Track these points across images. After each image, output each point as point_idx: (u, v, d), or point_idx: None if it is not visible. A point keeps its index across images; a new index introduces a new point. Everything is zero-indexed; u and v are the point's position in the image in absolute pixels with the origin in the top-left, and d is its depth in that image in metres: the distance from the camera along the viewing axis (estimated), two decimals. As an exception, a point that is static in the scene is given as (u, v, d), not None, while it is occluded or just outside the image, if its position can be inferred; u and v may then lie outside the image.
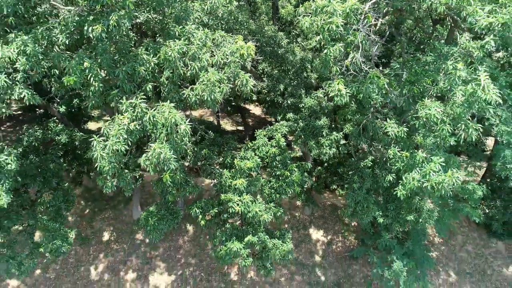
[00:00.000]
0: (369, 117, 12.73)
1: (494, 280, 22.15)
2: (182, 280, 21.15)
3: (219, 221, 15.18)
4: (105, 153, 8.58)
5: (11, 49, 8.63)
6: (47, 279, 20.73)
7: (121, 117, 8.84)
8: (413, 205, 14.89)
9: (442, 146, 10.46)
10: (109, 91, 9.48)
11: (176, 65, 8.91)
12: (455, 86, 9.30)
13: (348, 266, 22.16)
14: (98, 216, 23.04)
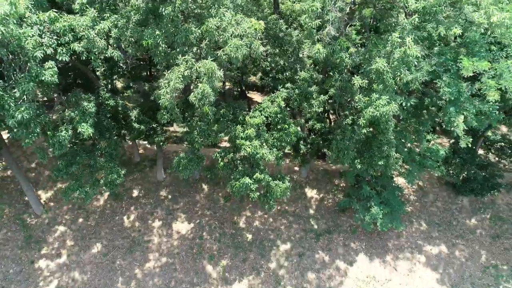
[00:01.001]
0: (343, 77, 17.14)
1: (458, 229, 26.58)
2: (200, 227, 25.58)
3: (233, 165, 19.57)
4: (168, 89, 12.92)
5: (107, 24, 13.14)
6: (89, 226, 25.19)
7: (178, 68, 13.20)
8: (383, 153, 19.29)
9: (388, 89, 14.83)
10: (170, 51, 13.83)
11: (213, 35, 13.27)
12: (394, 49, 13.66)
13: (336, 217, 26.59)
14: (128, 177, 27.41)
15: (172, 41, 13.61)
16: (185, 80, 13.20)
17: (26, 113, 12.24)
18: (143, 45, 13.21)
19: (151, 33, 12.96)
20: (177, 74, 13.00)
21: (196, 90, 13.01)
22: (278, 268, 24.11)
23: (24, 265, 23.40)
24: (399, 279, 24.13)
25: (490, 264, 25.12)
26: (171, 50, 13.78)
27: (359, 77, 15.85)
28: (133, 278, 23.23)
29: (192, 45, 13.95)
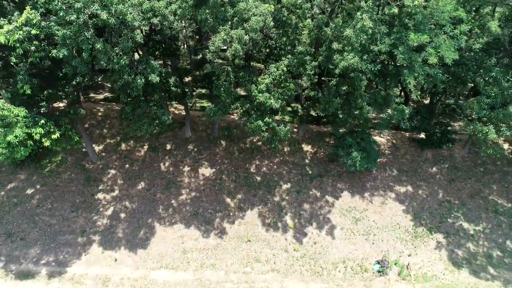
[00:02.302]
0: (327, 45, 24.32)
1: (422, 175, 33.78)
2: (219, 171, 32.76)
3: (249, 113, 26.75)
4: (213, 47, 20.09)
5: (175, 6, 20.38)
6: (133, 170, 32.34)
7: (219, 35, 20.30)
8: (358, 104, 26.47)
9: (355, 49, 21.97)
10: (214, 23, 20.93)
11: (241, 13, 20.37)
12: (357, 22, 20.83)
13: (326, 165, 33.77)
14: (162, 135, 34.62)
15: (215, 17, 20.66)
16: (224, 41, 20.37)
17: (124, 62, 19.31)
18: (197, 20, 20.26)
19: (203, 12, 19.99)
20: (219, 38, 20.13)
21: (231, 48, 20.14)
22: (281, 201, 31.30)
23: (86, 197, 30.58)
24: (373, 209, 31.34)
25: (445, 199, 32.36)
26: (215, 23, 20.83)
27: (336, 43, 23.03)
28: (170, 207, 30.40)
29: (228, 20, 21.02)
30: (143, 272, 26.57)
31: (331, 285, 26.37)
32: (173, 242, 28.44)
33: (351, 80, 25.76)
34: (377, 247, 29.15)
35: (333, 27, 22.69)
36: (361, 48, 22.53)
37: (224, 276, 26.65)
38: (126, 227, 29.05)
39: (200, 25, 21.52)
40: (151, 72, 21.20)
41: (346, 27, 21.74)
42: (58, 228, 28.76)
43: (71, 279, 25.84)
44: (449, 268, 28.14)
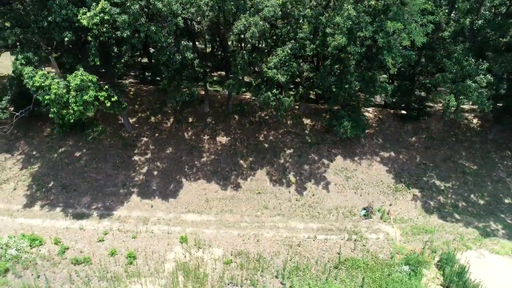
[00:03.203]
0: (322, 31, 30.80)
1: (403, 143, 40.23)
2: (234, 140, 39.19)
3: (260, 87, 33.20)
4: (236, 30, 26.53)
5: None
6: (162, 138, 38.79)
7: (240, 21, 26.70)
8: (347, 80, 32.91)
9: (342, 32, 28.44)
10: (236, 12, 27.24)
11: (257, 4, 26.78)
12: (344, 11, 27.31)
13: (323, 135, 40.20)
14: (184, 110, 41.10)
15: (237, 7, 27.02)
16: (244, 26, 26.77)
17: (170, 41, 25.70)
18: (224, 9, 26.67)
19: (228, 3, 26.38)
20: (240, 23, 26.53)
21: (249, 31, 26.58)
22: (285, 163, 37.74)
23: (124, 158, 37.01)
24: (362, 169, 37.79)
25: (421, 163, 38.83)
26: (237, 12, 27.17)
27: (329, 28, 29.47)
28: (194, 166, 36.83)
29: (246, 9, 27.40)
30: (175, 215, 32.98)
31: (326, 225, 32.78)
32: (198, 193, 34.86)
33: (342, 60, 32.25)
34: (364, 198, 35.57)
35: (326, 16, 29.09)
36: (349, 32, 29.01)
37: (240, 218, 33.07)
38: (158, 181, 35.48)
39: (225, 14, 27.89)
40: (187, 51, 27.62)
41: (336, 16, 28.18)
42: (103, 182, 35.17)
43: (117, 219, 32.25)
44: (422, 214, 34.57)
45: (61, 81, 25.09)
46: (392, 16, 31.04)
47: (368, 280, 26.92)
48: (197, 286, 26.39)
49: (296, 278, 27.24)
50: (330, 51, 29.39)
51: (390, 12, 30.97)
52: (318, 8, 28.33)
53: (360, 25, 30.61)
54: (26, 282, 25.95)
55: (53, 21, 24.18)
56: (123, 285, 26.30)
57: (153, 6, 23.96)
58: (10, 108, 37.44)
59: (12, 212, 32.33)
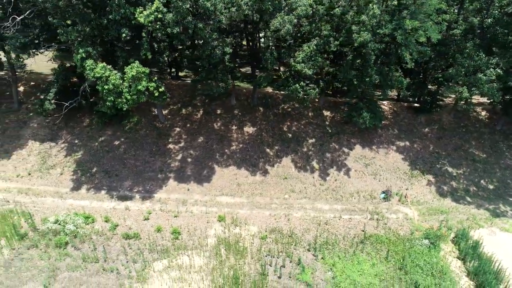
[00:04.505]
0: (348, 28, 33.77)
1: (416, 134, 43.18)
2: (259, 130, 42.14)
3: (288, 80, 36.12)
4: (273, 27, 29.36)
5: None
6: (193, 128, 41.74)
7: (277, 19, 29.52)
8: (368, 73, 35.82)
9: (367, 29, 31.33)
10: (273, 11, 30.10)
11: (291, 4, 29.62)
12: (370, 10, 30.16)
13: (342, 126, 43.15)
14: (212, 103, 44.07)
15: (273, 6, 29.97)
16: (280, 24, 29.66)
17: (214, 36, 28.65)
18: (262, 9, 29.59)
19: (266, 3, 29.33)
20: (276, 21, 29.46)
21: (284, 28, 29.47)
22: (308, 151, 40.68)
23: (160, 146, 39.96)
24: (379, 157, 40.74)
25: (434, 151, 41.77)
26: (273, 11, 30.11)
27: (354, 26, 32.40)
28: (224, 154, 39.76)
29: (281, 9, 30.34)
30: (210, 197, 35.93)
31: (349, 206, 35.73)
32: (229, 178, 37.81)
33: (364, 55, 35.19)
34: (382, 183, 38.50)
35: (351, 15, 32.01)
36: (372, 30, 31.96)
37: (269, 200, 36.01)
38: (192, 167, 38.44)
39: (262, 13, 30.83)
40: (226, 46, 30.58)
41: (362, 14, 31.11)
42: (142, 168, 38.13)
43: (158, 201, 35.19)
44: (437, 197, 37.50)
45: (118, 72, 28.02)
46: (409, 15, 33.99)
47: (392, 253, 29.84)
48: (238, 257, 29.31)
49: (326, 251, 30.16)
50: (356, 46, 32.29)
51: (408, 11, 33.90)
52: (345, 8, 31.22)
53: (380, 23, 33.58)
54: (85, 253, 28.90)
55: (113, 19, 27.10)
56: (172, 256, 29.24)
57: (202, 5, 26.85)
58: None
59: (62, 194, 35.31)
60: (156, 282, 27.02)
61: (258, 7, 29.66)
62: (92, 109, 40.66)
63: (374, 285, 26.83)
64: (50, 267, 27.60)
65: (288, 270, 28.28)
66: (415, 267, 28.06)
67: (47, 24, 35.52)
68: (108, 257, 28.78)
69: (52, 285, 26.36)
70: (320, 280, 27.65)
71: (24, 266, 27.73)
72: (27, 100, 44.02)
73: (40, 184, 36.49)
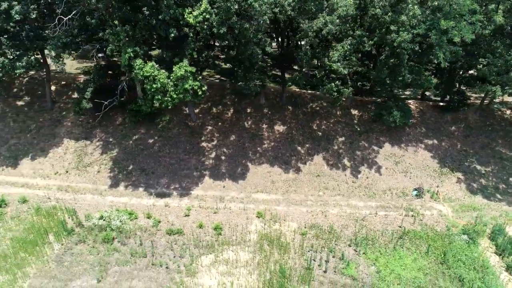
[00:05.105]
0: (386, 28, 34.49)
1: (443, 132, 43.80)
2: (290, 128, 42.77)
3: (322, 79, 36.77)
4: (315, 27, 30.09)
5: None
6: (225, 127, 42.36)
7: (318, 20, 30.19)
8: (401, 73, 36.45)
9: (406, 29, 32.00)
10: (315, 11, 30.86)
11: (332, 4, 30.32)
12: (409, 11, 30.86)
13: (371, 124, 43.78)
14: (242, 102, 44.72)
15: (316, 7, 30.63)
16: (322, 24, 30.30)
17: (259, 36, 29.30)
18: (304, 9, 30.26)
19: (309, 4, 29.97)
20: (319, 20, 30.10)
21: (326, 28, 30.13)
22: (338, 149, 41.32)
23: (193, 145, 40.60)
24: (409, 155, 41.36)
25: (462, 149, 42.39)
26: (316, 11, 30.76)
27: (392, 25, 33.09)
28: (257, 152, 40.40)
29: (323, 9, 30.97)
30: (246, 194, 36.56)
31: (383, 203, 36.35)
32: (263, 176, 38.44)
33: (398, 55, 35.84)
34: (413, 181, 39.13)
35: (390, 15, 32.67)
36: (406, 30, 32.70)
37: (304, 197, 36.65)
38: (227, 165, 39.06)
39: (304, 13, 31.51)
40: (268, 45, 31.25)
41: (402, 15, 31.79)
42: (177, 166, 38.77)
43: (195, 198, 35.82)
44: (467, 194, 38.13)
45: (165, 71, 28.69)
46: (443, 15, 34.62)
47: (432, 248, 30.46)
48: (281, 252, 29.95)
49: (366, 246, 30.80)
50: (392, 46, 32.93)
51: (441, 12, 34.52)
52: (386, 8, 31.88)
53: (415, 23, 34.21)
54: (133, 248, 29.54)
55: (162, 19, 27.75)
56: (217, 251, 29.87)
57: (250, 5, 27.49)
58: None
59: (101, 192, 35.96)
60: (205, 276, 27.66)
61: (301, 8, 30.33)
62: (123, 107, 41.36)
63: (419, 279, 27.46)
64: (100, 262, 28.24)
65: (332, 265, 28.92)
66: (457, 261, 28.68)
67: (85, 24, 36.28)
68: (155, 252, 29.42)
69: (105, 279, 27.00)
70: (365, 275, 28.29)
71: (75, 261, 28.39)
72: (59, 99, 44.71)
73: (78, 181, 37.15)
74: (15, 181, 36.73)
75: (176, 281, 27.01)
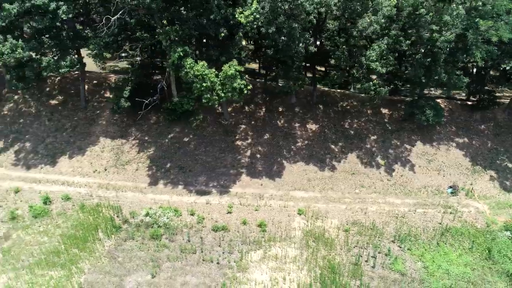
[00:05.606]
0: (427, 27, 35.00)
1: (474, 131, 44.22)
2: (322, 127, 43.22)
3: (359, 79, 37.18)
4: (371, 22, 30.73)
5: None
6: (258, 125, 42.77)
7: (364, 19, 30.66)
8: (437, 72, 36.86)
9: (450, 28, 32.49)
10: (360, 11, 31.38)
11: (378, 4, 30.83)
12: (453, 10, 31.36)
13: (401, 123, 44.20)
14: (273, 101, 45.15)
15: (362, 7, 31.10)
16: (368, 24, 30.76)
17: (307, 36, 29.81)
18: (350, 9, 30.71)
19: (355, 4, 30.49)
20: (365, 20, 30.58)
21: (371, 28, 30.59)
22: (371, 147, 41.75)
23: (228, 143, 41.04)
24: (441, 153, 41.79)
25: (493, 148, 42.81)
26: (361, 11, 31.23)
27: (434, 25, 33.52)
28: (291, 150, 40.85)
29: (368, 9, 31.43)
30: (284, 192, 37.00)
31: (420, 201, 36.78)
32: (299, 174, 38.89)
33: (434, 54, 36.28)
34: (447, 179, 39.56)
35: (431, 15, 33.11)
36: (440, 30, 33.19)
37: (341, 195, 37.09)
38: (262, 163, 39.50)
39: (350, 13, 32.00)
40: (310, 45, 31.72)
41: (445, 15, 32.23)
42: (213, 164, 39.20)
43: (235, 195, 36.25)
44: (502, 192, 38.54)
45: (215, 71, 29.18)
46: (480, 15, 35.04)
47: (475, 244, 30.91)
48: (327, 248, 30.40)
49: (410, 242, 31.25)
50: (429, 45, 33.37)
51: (477, 12, 34.92)
52: (432, 7, 32.33)
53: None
54: (182, 244, 29.99)
55: (213, 19, 28.21)
56: (264, 247, 30.31)
57: (300, 5, 27.96)
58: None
59: (141, 189, 36.42)
60: (256, 271, 28.11)
61: (346, 7, 30.81)
62: (157, 106, 41.75)
63: (468, 274, 27.91)
64: (152, 258, 28.69)
65: (379, 261, 29.36)
66: (503, 257, 29.13)
67: (125, 23, 36.73)
68: (204, 248, 29.87)
69: (158, 274, 27.45)
70: (412, 270, 28.73)
71: (126, 257, 28.84)
72: (92, 98, 45.17)
73: (117, 179, 37.60)
74: (56, 179, 37.18)
75: (229, 277, 27.45)
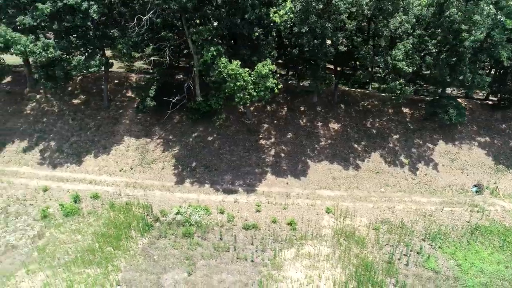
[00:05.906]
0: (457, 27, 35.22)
1: (495, 130, 44.35)
2: (344, 126, 43.37)
3: (384, 78, 37.33)
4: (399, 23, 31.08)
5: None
6: (280, 125, 42.91)
7: (395, 18, 30.94)
8: (462, 72, 37.05)
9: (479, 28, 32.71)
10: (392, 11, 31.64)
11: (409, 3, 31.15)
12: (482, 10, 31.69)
13: (423, 122, 44.34)
14: (295, 100, 45.33)
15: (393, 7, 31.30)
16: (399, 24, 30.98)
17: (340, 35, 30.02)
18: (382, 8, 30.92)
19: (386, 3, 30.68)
20: (396, 20, 30.83)
21: (402, 27, 30.78)
22: (394, 146, 41.91)
23: (252, 142, 41.20)
24: (463, 152, 41.94)
25: (515, 147, 43.03)
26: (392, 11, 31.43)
27: (463, 25, 33.71)
28: (315, 149, 41.01)
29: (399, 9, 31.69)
30: (310, 190, 37.16)
31: (446, 199, 36.93)
32: (324, 173, 39.05)
33: (460, 54, 36.46)
34: (471, 178, 39.72)
35: (460, 15, 33.29)
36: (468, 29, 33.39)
37: (367, 194, 37.25)
38: (287, 162, 39.67)
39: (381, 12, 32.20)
40: (340, 45, 31.93)
41: (475, 14, 32.43)
42: (238, 163, 39.37)
43: (261, 193, 36.42)
44: (526, 191, 38.74)
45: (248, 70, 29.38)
46: (506, 14, 35.22)
47: (506, 242, 31.08)
48: (359, 246, 30.56)
49: (440, 241, 31.40)
50: (467, 44, 33.57)
51: (502, 11, 35.09)
52: (460, 7, 32.55)
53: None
54: (215, 242, 30.16)
55: (248, 18, 28.40)
56: (296, 245, 30.47)
57: (334, 5, 28.16)
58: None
59: (168, 188, 36.60)
60: (290, 269, 28.26)
61: (377, 7, 30.97)
62: (180, 106, 41.88)
63: (502, 272, 28.07)
64: (186, 256, 28.85)
65: (412, 259, 29.52)
66: (535, 255, 29.33)
67: (152, 23, 36.89)
68: (237, 246, 30.04)
69: (194, 272, 27.61)
70: (445, 268, 28.88)
71: (161, 255, 29.00)
72: (114, 97, 45.35)
73: (144, 178, 37.79)
74: (82, 178, 37.38)
75: (264, 274, 27.61)
